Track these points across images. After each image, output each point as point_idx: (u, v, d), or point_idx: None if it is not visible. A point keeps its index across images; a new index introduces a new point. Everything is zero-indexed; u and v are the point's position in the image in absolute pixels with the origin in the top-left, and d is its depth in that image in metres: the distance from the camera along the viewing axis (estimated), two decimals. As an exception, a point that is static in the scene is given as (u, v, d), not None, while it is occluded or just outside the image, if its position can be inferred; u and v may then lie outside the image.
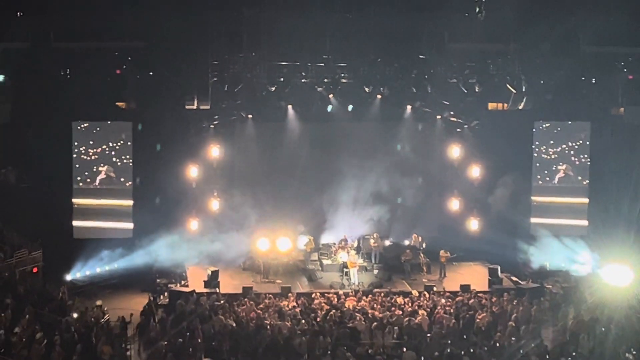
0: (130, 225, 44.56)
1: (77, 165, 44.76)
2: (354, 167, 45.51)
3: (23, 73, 45.59)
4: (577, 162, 46.93)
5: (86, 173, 44.81)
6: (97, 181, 44.78)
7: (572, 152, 47.02)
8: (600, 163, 45.36)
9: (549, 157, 47.38)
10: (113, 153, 45.11)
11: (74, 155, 44.80)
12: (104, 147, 45.06)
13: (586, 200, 46.61)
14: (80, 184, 44.76)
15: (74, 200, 44.71)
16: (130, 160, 45.03)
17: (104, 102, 45.07)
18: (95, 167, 44.83)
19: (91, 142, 45.11)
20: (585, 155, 46.90)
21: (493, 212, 45.52)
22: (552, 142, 47.36)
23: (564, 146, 46.98)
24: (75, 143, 44.72)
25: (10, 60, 46.00)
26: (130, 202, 44.96)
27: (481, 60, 47.20)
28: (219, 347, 32.45)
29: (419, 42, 46.26)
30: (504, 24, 41.59)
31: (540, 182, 47.26)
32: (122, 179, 44.96)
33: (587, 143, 46.82)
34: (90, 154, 45.02)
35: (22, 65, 45.49)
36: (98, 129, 45.24)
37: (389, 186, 46.19)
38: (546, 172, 47.06)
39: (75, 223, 44.38)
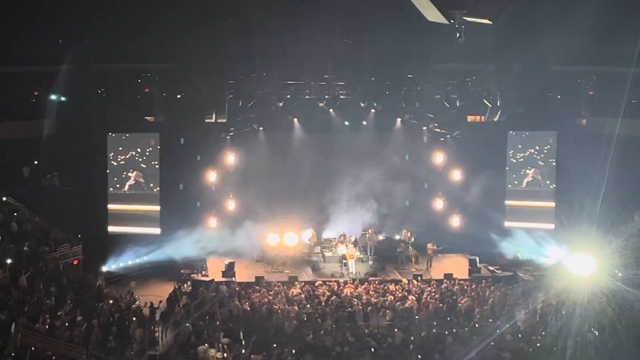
0: (157, 224, 44.42)
1: (108, 171, 44.60)
2: (351, 171, 45.68)
3: (66, 92, 46.20)
4: (543, 164, 46.90)
5: (115, 178, 44.68)
6: (126, 187, 44.82)
7: (540, 157, 47.02)
8: (566, 167, 45.39)
9: (516, 161, 47.41)
10: (142, 159, 45.03)
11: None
12: (132, 153, 44.97)
13: (553, 203, 46.57)
14: (111, 188, 44.55)
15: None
16: (157, 165, 44.93)
17: (135, 117, 45.50)
18: (124, 173, 44.80)
19: (120, 149, 45.00)
20: (552, 160, 46.94)
21: (472, 211, 45.63)
22: (520, 146, 47.40)
23: (531, 150, 47.02)
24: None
25: (55, 81, 46.61)
26: (157, 207, 44.77)
27: (462, 79, 47.67)
28: (236, 328, 32.73)
29: (407, 63, 46.63)
30: (481, 47, 41.62)
31: (510, 186, 47.29)
32: (151, 184, 44.81)
33: (555, 145, 46.81)
34: (119, 159, 45.00)
35: (65, 85, 46.11)
36: (127, 135, 45.25)
37: (382, 188, 46.34)
38: (514, 175, 47.05)
39: (110, 219, 44.39)
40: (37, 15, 43.11)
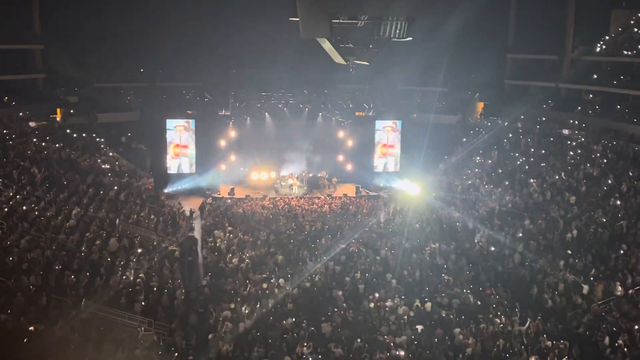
0: (194, 167, 43.65)
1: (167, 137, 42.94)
2: (295, 141, 45.24)
3: (143, 96, 45.94)
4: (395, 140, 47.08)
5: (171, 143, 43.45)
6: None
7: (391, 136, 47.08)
8: (406, 140, 45.73)
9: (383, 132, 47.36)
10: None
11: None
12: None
13: (399, 158, 46.71)
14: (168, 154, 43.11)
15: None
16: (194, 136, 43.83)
17: (181, 110, 44.68)
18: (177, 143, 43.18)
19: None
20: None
21: (357, 161, 45.61)
22: (384, 126, 47.14)
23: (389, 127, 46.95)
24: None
25: (138, 91, 46.20)
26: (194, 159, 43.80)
27: (353, 92, 48.13)
28: (235, 222, 32.53)
29: (325, 84, 47.08)
30: (363, 74, 42.19)
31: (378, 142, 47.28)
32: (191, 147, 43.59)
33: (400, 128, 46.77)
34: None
35: (143, 94, 46.14)
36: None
37: (312, 150, 45.86)
38: (380, 140, 46.97)
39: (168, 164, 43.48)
40: (127, 54, 42.68)
